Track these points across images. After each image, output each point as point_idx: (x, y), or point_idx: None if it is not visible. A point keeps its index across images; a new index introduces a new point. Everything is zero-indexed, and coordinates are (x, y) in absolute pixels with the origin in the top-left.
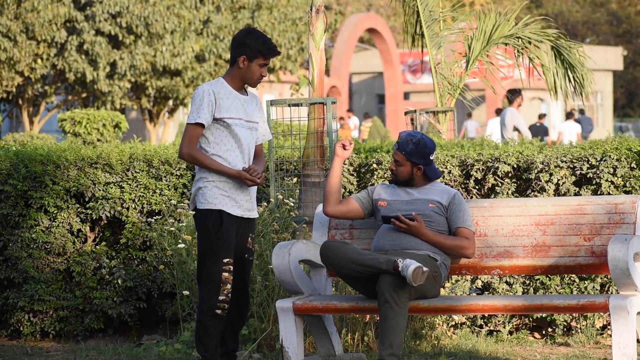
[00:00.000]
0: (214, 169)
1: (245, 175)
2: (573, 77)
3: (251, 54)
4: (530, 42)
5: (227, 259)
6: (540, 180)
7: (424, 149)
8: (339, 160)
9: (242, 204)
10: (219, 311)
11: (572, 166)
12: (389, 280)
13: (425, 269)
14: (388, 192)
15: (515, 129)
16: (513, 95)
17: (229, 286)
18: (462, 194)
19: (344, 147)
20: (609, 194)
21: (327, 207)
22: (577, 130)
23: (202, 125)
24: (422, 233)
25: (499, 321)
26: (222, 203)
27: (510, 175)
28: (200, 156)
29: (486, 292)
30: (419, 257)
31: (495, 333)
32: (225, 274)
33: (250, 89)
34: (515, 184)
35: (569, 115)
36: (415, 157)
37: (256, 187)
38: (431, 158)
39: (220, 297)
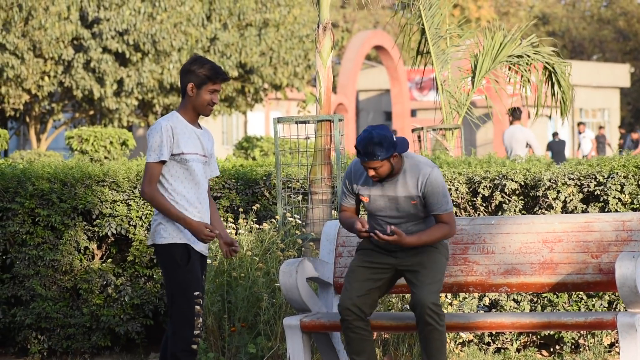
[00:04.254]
0: (173, 217)
1: (205, 231)
2: (561, 99)
3: (198, 80)
4: (530, 58)
5: (198, 292)
6: (548, 198)
7: (387, 140)
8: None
9: (199, 242)
10: (194, 346)
11: (579, 183)
12: (428, 301)
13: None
14: (364, 182)
15: (527, 144)
16: (517, 112)
17: (200, 319)
18: (469, 212)
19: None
20: (616, 211)
21: None
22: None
23: (163, 163)
24: (405, 244)
25: (506, 339)
26: (187, 237)
27: (517, 192)
28: (160, 199)
29: (494, 310)
30: (426, 253)
31: (503, 350)
32: (197, 307)
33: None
34: (523, 202)
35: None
36: (387, 152)
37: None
38: (394, 139)
39: (195, 332)
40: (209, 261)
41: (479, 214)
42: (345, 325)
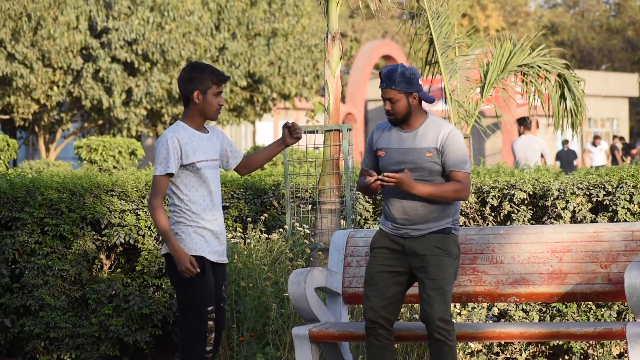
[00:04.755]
0: (165, 237)
1: (187, 265)
2: (572, 110)
3: (203, 86)
4: (540, 69)
5: (211, 307)
6: (557, 207)
7: (411, 74)
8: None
9: (216, 250)
10: None
11: (588, 193)
12: (435, 317)
13: None
14: (384, 138)
15: (542, 154)
16: (528, 122)
17: (213, 335)
18: (478, 221)
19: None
20: (625, 221)
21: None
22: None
23: (170, 175)
24: (412, 187)
25: (515, 349)
26: (202, 249)
27: (526, 202)
28: (161, 215)
29: (502, 320)
30: (433, 255)
31: None
32: (210, 323)
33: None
34: (532, 211)
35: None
36: (407, 86)
37: (224, 232)
38: (421, 83)
39: (207, 348)
40: None
41: (487, 224)
42: (368, 332)
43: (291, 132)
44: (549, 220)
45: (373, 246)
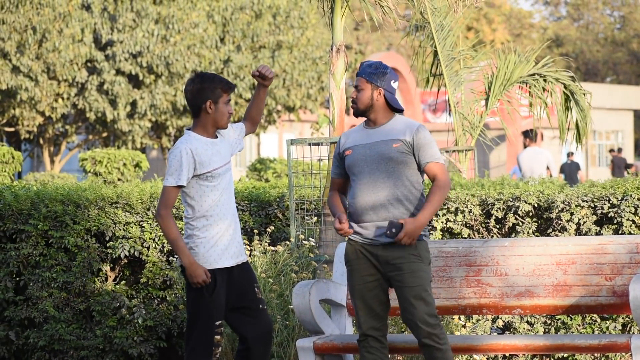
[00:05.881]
0: (177, 248)
1: (201, 278)
2: (577, 122)
3: (214, 95)
4: (546, 81)
5: (219, 322)
6: (561, 220)
7: (384, 72)
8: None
9: (233, 251)
10: None
11: (593, 205)
12: (418, 324)
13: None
14: (351, 139)
15: (547, 166)
16: (533, 134)
17: (220, 349)
18: (482, 233)
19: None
20: (630, 233)
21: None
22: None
23: (180, 187)
24: (418, 228)
25: None
26: (216, 261)
27: (531, 214)
28: (171, 226)
29: (507, 332)
30: (405, 262)
31: None
32: (218, 337)
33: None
34: (536, 224)
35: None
36: (375, 79)
37: (239, 230)
38: (393, 85)
39: None
40: None
41: (492, 236)
42: (361, 345)
43: (263, 78)
44: (553, 232)
45: (347, 259)
